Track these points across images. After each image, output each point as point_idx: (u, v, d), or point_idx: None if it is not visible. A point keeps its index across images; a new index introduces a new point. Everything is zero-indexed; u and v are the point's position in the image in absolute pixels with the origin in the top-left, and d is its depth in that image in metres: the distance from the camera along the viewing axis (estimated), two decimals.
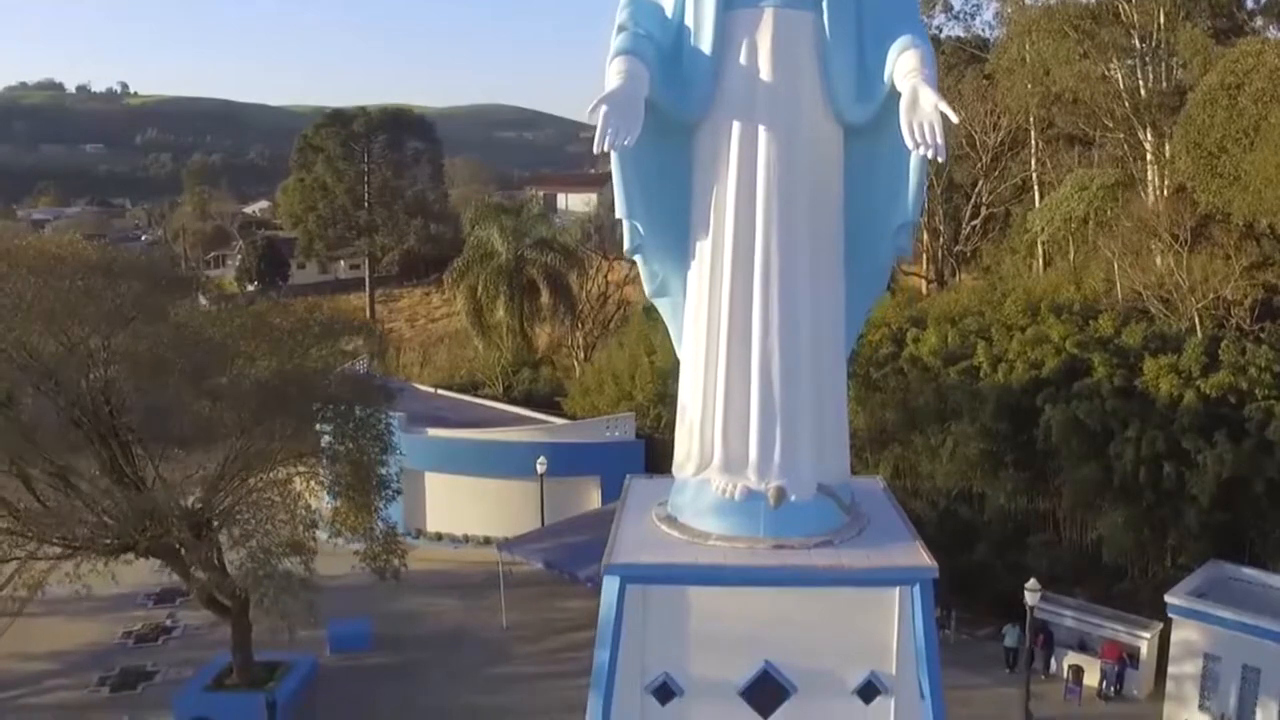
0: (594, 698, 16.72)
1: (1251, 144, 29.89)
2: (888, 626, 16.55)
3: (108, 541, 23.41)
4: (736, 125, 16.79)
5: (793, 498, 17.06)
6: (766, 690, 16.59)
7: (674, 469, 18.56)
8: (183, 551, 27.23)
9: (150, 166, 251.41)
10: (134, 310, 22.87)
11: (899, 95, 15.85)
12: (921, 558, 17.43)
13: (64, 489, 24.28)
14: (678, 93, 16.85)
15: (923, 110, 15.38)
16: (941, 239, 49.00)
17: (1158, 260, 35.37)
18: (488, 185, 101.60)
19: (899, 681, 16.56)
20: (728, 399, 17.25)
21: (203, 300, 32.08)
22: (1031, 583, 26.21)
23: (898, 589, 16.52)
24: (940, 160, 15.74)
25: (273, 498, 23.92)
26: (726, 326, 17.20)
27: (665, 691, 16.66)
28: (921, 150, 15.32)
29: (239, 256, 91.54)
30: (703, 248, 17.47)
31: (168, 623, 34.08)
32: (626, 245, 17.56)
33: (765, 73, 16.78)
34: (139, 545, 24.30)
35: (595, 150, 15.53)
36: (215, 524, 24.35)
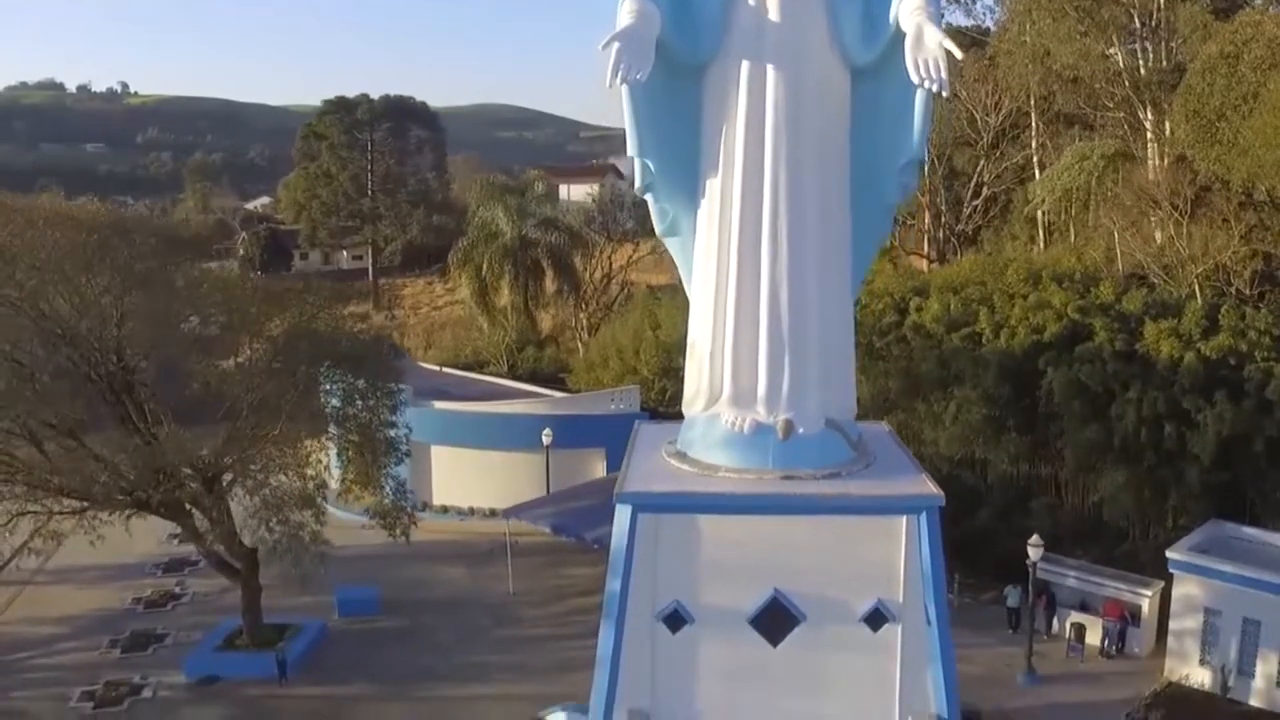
0: (606, 626, 17.06)
1: (1250, 110, 30.22)
2: (894, 555, 16.86)
3: (122, 496, 23.65)
4: (745, 66, 17.19)
5: (800, 430, 17.43)
6: (775, 618, 16.91)
7: (684, 406, 18.90)
8: (194, 514, 27.59)
9: (151, 165, 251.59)
10: (147, 265, 23.16)
11: (904, 36, 16.28)
12: (927, 487, 17.77)
13: (77, 446, 24.55)
14: (688, 34, 17.26)
15: (927, 47, 15.80)
16: (943, 219, 49.32)
17: (1157, 235, 35.75)
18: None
19: (906, 609, 16.88)
20: (737, 334, 17.61)
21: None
22: (1034, 539, 26.52)
23: (904, 518, 16.86)
24: (945, 95, 16.15)
25: (284, 450, 24.18)
26: (735, 263, 17.56)
27: (676, 619, 16.97)
28: (927, 85, 15.75)
29: (241, 251, 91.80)
30: (712, 186, 17.83)
31: (176, 590, 34.35)
32: (638, 183, 17.94)
33: (773, 14, 17.19)
34: (152, 500, 24.56)
35: (607, 86, 15.92)
36: (226, 479, 24.59)
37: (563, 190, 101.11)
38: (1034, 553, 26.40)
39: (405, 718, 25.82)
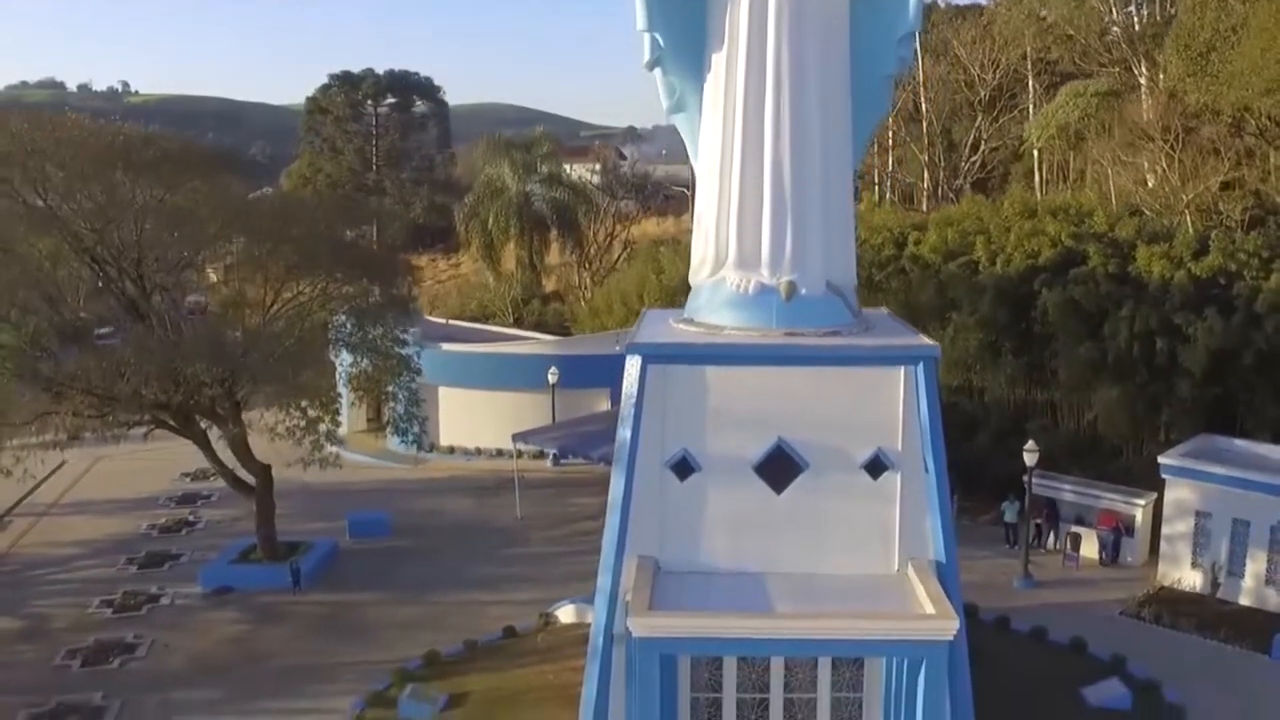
0: (616, 474, 17.83)
1: (1239, 40, 31.00)
2: (893, 405, 17.64)
3: (145, 393, 24.27)
4: None
5: (803, 291, 18.27)
6: (780, 466, 17.68)
7: (690, 275, 19.73)
8: (210, 429, 28.29)
9: None
10: (170, 168, 23.91)
11: None
12: (924, 340, 18.56)
13: (98, 350, 25.23)
14: None
15: None
16: (941, 175, 50.09)
17: (1149, 179, 36.52)
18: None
19: (904, 457, 17.66)
20: (742, 200, 18.44)
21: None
22: (1029, 444, 27.23)
23: (902, 369, 17.64)
24: None
25: (299, 348, 24.90)
26: (740, 133, 18.41)
27: (684, 467, 17.72)
28: None
29: None
30: (717, 60, 18.67)
31: (190, 518, 35.02)
32: (646, 57, 18.78)
33: None
34: (172, 402, 25.24)
35: None
36: (243, 383, 25.25)
37: (565, 170, 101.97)
38: (1029, 458, 27.09)
39: (416, 619, 26.44)
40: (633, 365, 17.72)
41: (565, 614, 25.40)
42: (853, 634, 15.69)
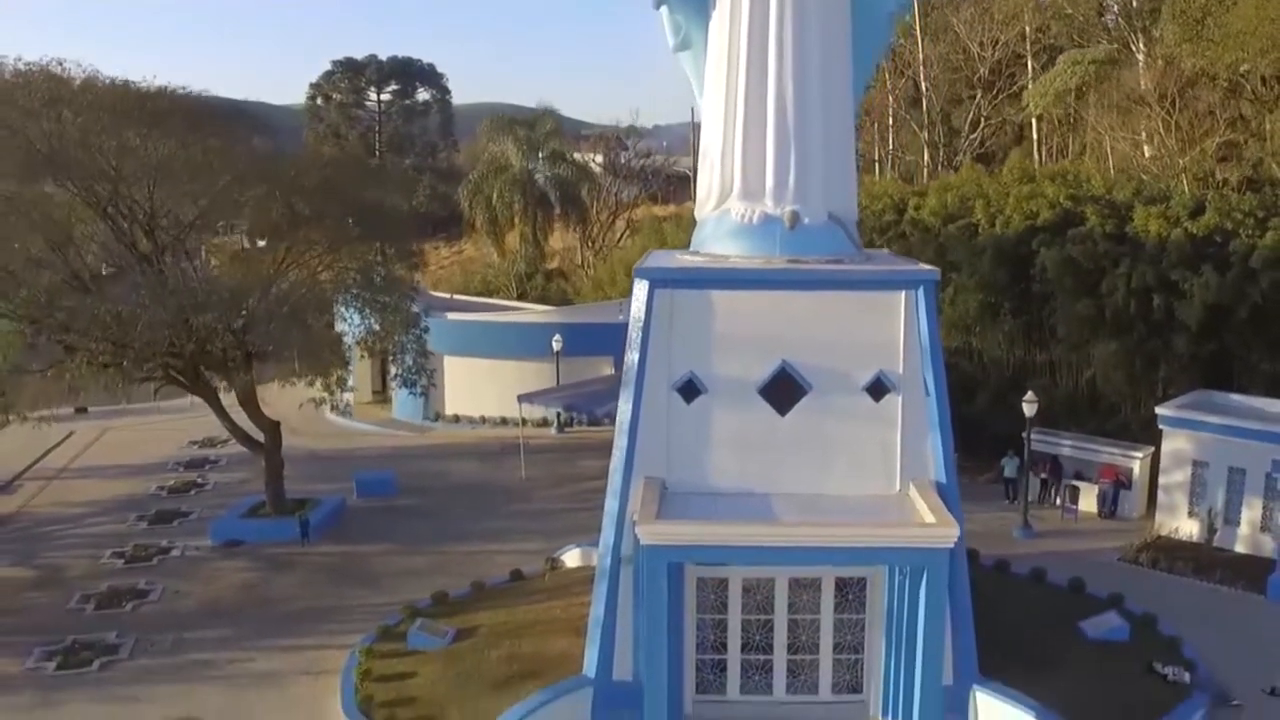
0: (625, 397, 18.26)
1: (1235, 2, 31.42)
2: (894, 329, 18.10)
3: (160, 335, 24.60)
4: None
5: (806, 221, 18.74)
6: (783, 388, 18.13)
7: (695, 209, 20.17)
8: (222, 386, 28.68)
9: None
10: (183, 120, 24.35)
11: None
12: (924, 267, 18.99)
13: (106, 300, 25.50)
14: None
15: None
16: (941, 154, 50.53)
17: (1146, 149, 36.93)
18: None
19: (905, 380, 18.11)
20: (746, 133, 18.91)
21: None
22: (1028, 395, 27.64)
23: (903, 293, 18.07)
24: None
25: (308, 294, 25.31)
26: (745, 68, 18.88)
27: (690, 389, 18.16)
28: None
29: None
30: None
31: (198, 480, 35.41)
32: None
33: None
34: (185, 350, 25.62)
35: None
36: (256, 330, 25.61)
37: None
38: (1028, 409, 27.48)
39: (423, 567, 26.81)
40: (640, 290, 18.14)
41: (571, 558, 25.80)
42: (856, 541, 16.08)
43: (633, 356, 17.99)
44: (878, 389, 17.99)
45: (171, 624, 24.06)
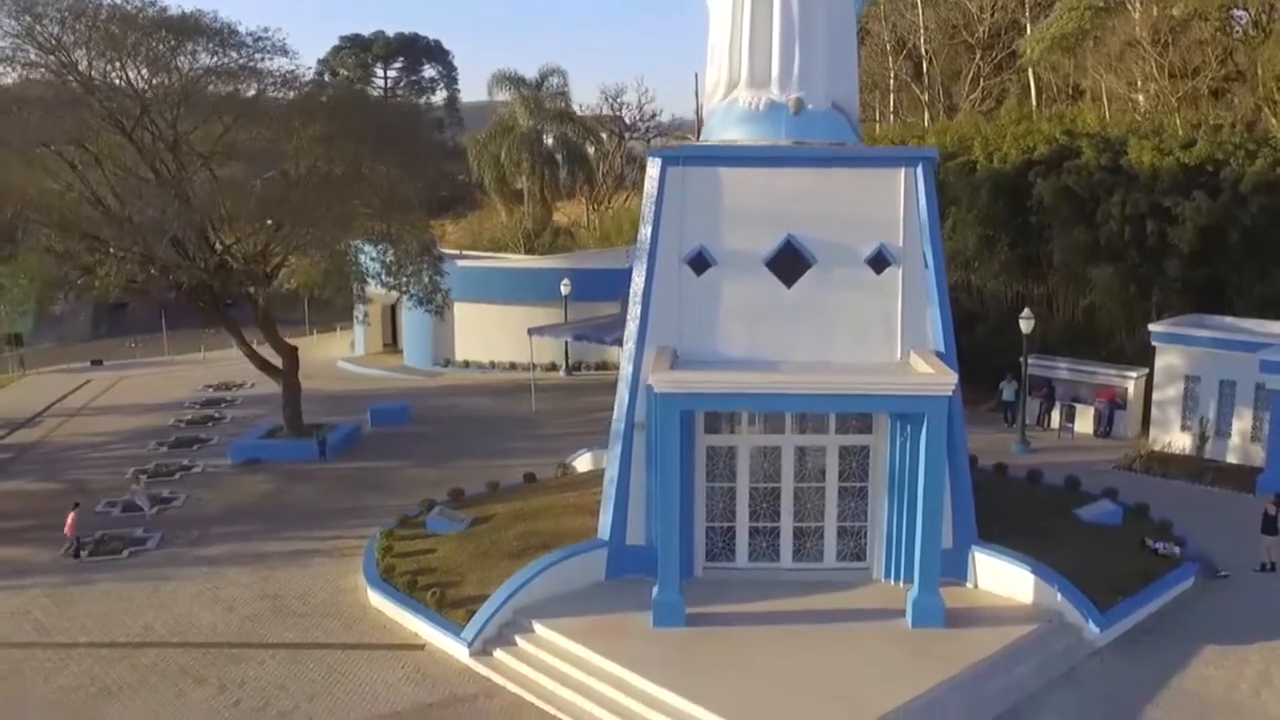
0: (639, 269, 19.11)
1: None
2: (894, 204, 18.96)
3: (185, 251, 25.45)
4: None
5: (810, 107, 19.59)
6: (789, 260, 18.98)
7: (704, 100, 21.04)
8: (241, 313, 29.55)
9: None
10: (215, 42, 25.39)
11: None
12: (924, 147, 19.81)
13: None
14: None
15: None
16: (941, 113, 51.38)
17: (1140, 98, 37.80)
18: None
19: (905, 253, 18.94)
20: (753, 24, 19.80)
21: None
22: (1025, 311, 28.47)
23: (903, 169, 18.90)
24: None
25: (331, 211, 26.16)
26: None
27: (700, 261, 19.00)
28: None
29: None
30: None
31: (215, 415, 36.23)
32: None
33: None
34: (210, 264, 26.46)
35: None
36: (275, 256, 26.47)
37: None
38: (1025, 325, 28.27)
39: (439, 478, 27.53)
40: (653, 168, 19.01)
41: (582, 462, 26.61)
42: (859, 389, 16.90)
43: (646, 231, 18.83)
44: (879, 262, 18.81)
45: (196, 523, 24.92)
